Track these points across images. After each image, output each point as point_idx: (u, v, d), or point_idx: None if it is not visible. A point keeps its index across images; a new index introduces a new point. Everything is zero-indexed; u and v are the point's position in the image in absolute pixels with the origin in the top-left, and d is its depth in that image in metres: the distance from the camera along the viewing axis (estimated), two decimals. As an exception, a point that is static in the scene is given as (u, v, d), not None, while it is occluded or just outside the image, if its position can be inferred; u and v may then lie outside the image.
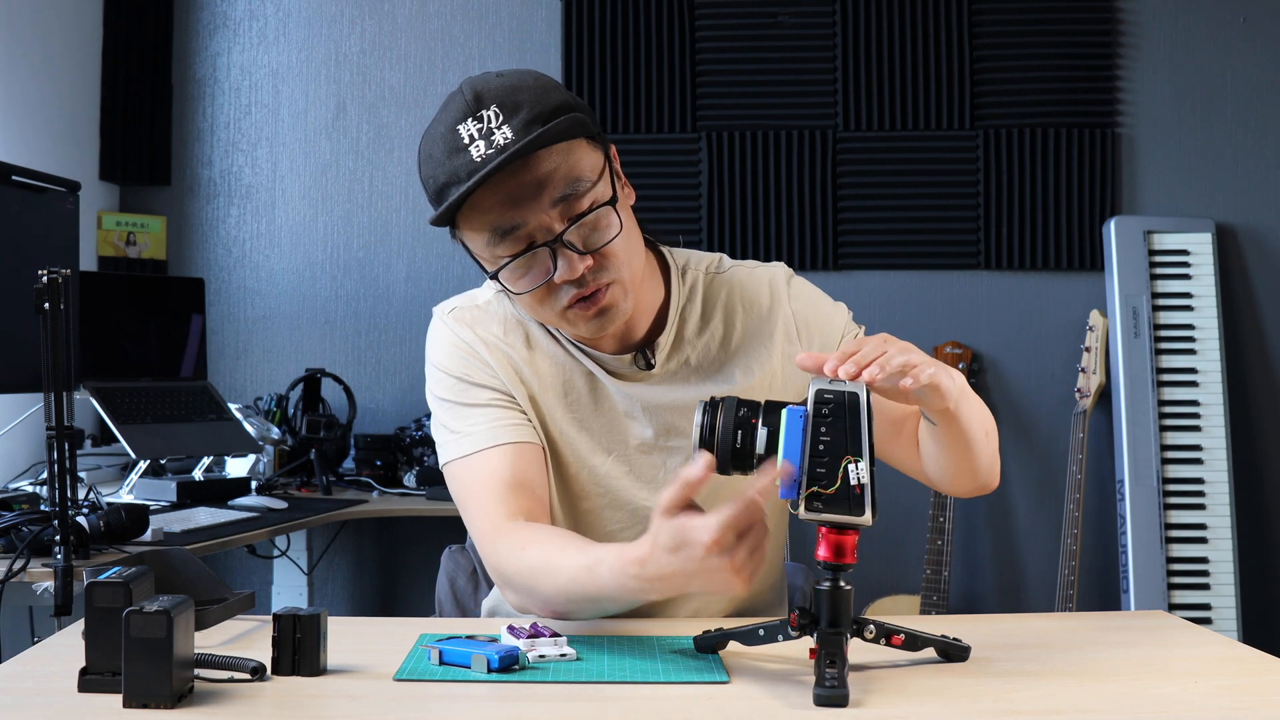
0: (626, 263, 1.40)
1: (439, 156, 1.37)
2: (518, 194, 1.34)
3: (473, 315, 1.54)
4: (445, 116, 1.38)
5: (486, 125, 1.34)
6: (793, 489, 1.12)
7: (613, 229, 1.38)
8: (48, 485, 1.87)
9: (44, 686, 1.15)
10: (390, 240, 3.71)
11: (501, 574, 1.42)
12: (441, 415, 1.52)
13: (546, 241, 1.36)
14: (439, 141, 1.37)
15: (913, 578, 3.48)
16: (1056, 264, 3.61)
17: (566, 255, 1.36)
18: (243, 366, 3.73)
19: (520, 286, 1.39)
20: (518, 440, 1.47)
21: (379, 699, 1.12)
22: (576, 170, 1.36)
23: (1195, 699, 1.14)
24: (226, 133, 3.75)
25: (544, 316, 1.45)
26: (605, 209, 1.38)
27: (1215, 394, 3.43)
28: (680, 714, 1.09)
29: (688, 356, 1.52)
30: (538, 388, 1.51)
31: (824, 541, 1.18)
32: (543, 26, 3.70)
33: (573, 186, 1.35)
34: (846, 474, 1.12)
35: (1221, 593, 3.34)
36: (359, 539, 3.72)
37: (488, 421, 1.47)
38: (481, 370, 1.50)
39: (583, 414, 1.51)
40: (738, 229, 3.63)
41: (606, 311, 1.40)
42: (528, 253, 1.36)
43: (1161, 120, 3.62)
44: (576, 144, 1.37)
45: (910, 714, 1.08)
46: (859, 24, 3.63)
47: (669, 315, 1.52)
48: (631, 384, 1.51)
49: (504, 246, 1.37)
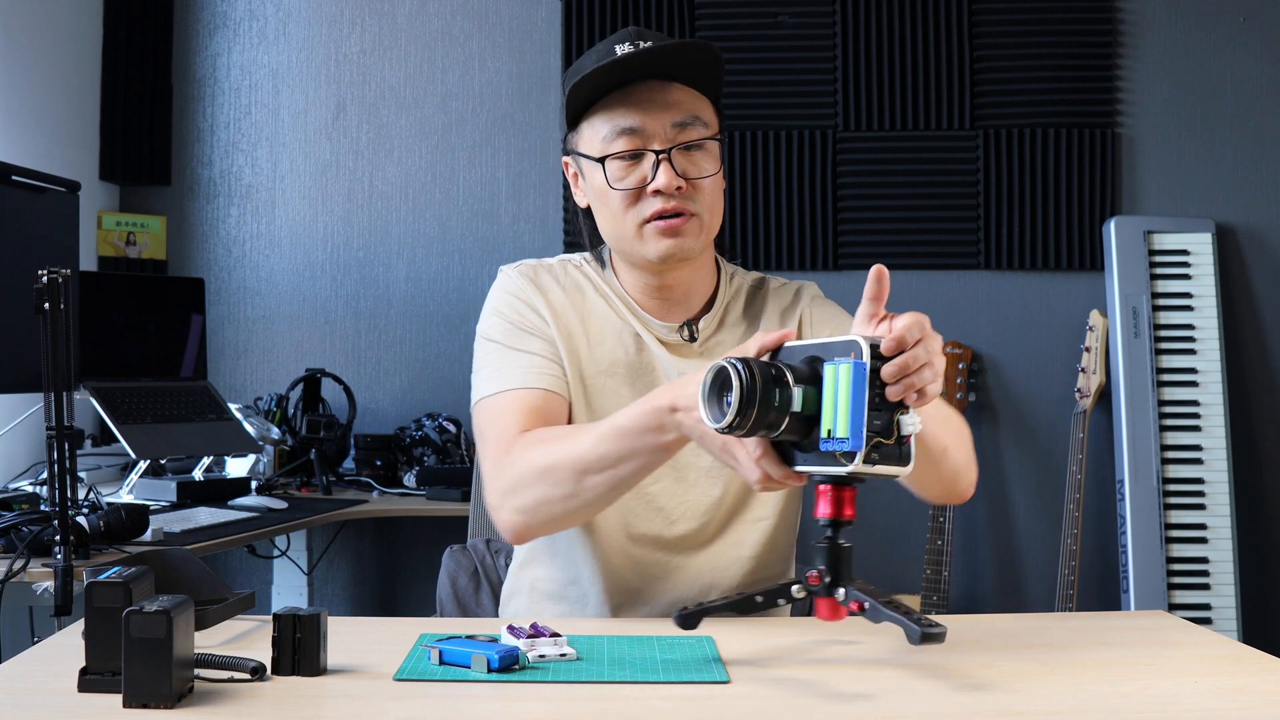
0: (710, 207, 1.56)
1: (587, 64, 1.53)
2: (648, 104, 1.52)
3: (535, 271, 1.66)
4: (605, 41, 1.56)
5: (639, 47, 1.52)
6: (856, 440, 1.11)
7: (711, 168, 1.55)
8: (48, 485, 1.87)
9: (44, 686, 1.15)
10: (390, 240, 3.71)
11: (513, 480, 1.46)
12: (486, 356, 1.60)
13: (655, 150, 1.52)
14: (593, 54, 1.55)
15: (913, 577, 3.48)
16: (1056, 264, 3.61)
17: (666, 169, 1.51)
18: (243, 366, 3.73)
19: (620, 184, 1.53)
20: (550, 389, 1.56)
21: (379, 699, 1.12)
22: (700, 112, 1.55)
23: (1195, 699, 1.14)
24: (226, 133, 3.75)
25: (624, 225, 1.55)
26: (712, 144, 1.56)
27: (1215, 394, 3.43)
28: (680, 714, 1.09)
29: (724, 340, 1.63)
30: (587, 344, 1.61)
31: (824, 498, 1.18)
32: (543, 26, 3.70)
33: (693, 119, 1.54)
34: (899, 425, 1.13)
35: (1221, 593, 3.34)
36: (359, 539, 3.72)
37: (525, 367, 1.56)
38: (534, 319, 1.60)
39: (629, 371, 1.60)
40: (738, 229, 3.63)
41: (680, 236, 1.53)
42: (636, 156, 1.53)
43: (1161, 120, 3.62)
44: (705, 99, 1.57)
45: (910, 713, 1.08)
46: (859, 24, 3.63)
47: (716, 301, 1.66)
48: (674, 355, 1.61)
49: (619, 143, 1.53)
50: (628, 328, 1.62)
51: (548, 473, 1.43)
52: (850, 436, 1.11)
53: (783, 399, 1.14)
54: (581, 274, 1.67)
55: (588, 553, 1.60)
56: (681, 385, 1.35)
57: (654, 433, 1.36)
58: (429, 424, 3.43)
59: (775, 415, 1.14)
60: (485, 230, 3.68)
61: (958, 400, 3.48)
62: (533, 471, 1.44)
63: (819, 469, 1.17)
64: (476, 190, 3.69)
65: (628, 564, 1.59)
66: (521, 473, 1.45)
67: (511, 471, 1.47)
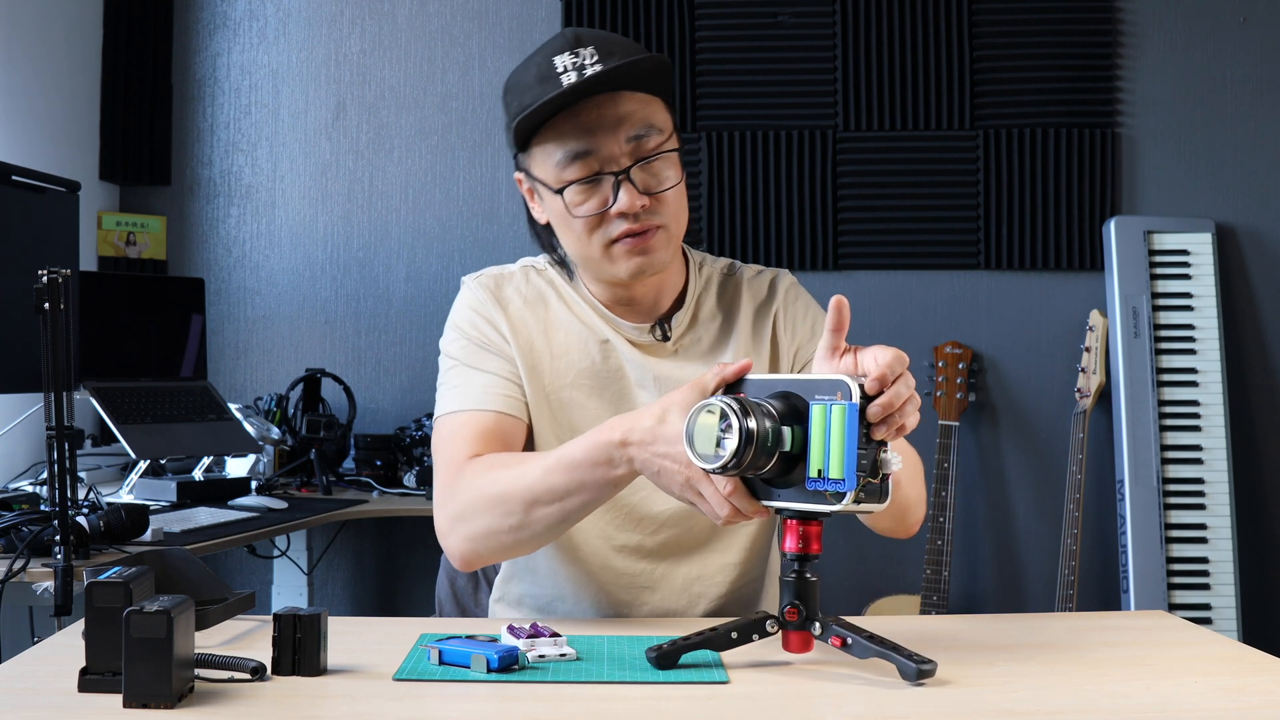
0: (675, 215, 1.52)
1: (528, 82, 1.47)
2: (598, 123, 1.45)
3: (497, 282, 1.62)
4: (542, 50, 1.49)
5: (581, 60, 1.45)
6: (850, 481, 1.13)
7: (673, 178, 1.50)
8: (48, 485, 1.87)
9: (44, 686, 1.15)
10: (390, 240, 3.71)
11: (462, 506, 1.44)
12: (446, 373, 1.59)
13: (613, 172, 1.46)
14: (532, 69, 1.48)
15: (913, 578, 3.48)
16: (1056, 264, 3.61)
17: (628, 189, 1.46)
18: (243, 366, 3.73)
19: (581, 211, 1.48)
20: (504, 411, 1.53)
21: (379, 699, 1.12)
22: (652, 118, 1.48)
23: (1195, 699, 1.14)
24: (226, 133, 3.76)
25: (590, 248, 1.51)
26: (670, 156, 1.50)
27: (1215, 394, 3.43)
28: (680, 714, 1.09)
29: (700, 336, 1.61)
30: (550, 357, 1.57)
31: (790, 532, 1.19)
32: (543, 26, 3.70)
33: (646, 130, 1.47)
34: (883, 464, 1.15)
35: (1221, 593, 3.34)
36: (359, 539, 3.72)
37: (481, 387, 1.54)
38: (493, 336, 1.57)
39: (595, 381, 1.57)
40: (738, 229, 3.63)
41: (649, 254, 1.49)
42: (594, 179, 1.47)
43: (1161, 120, 3.62)
44: (656, 100, 1.50)
45: (910, 713, 1.08)
46: (859, 24, 3.62)
47: (687, 296, 1.62)
48: (646, 355, 1.58)
49: (572, 170, 1.47)
50: (594, 335, 1.58)
51: (497, 502, 1.40)
52: (845, 478, 1.12)
53: (775, 439, 1.15)
54: (545, 280, 1.63)
55: (571, 569, 1.59)
56: (634, 419, 1.32)
57: (604, 466, 1.34)
58: (429, 424, 3.43)
59: (765, 456, 1.15)
60: (485, 230, 3.68)
61: (958, 400, 3.48)
62: (483, 499, 1.41)
63: (799, 505, 1.18)
64: (476, 190, 3.69)
65: (611, 576, 1.58)
66: (471, 499, 1.43)
67: (461, 498, 1.44)
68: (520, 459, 1.46)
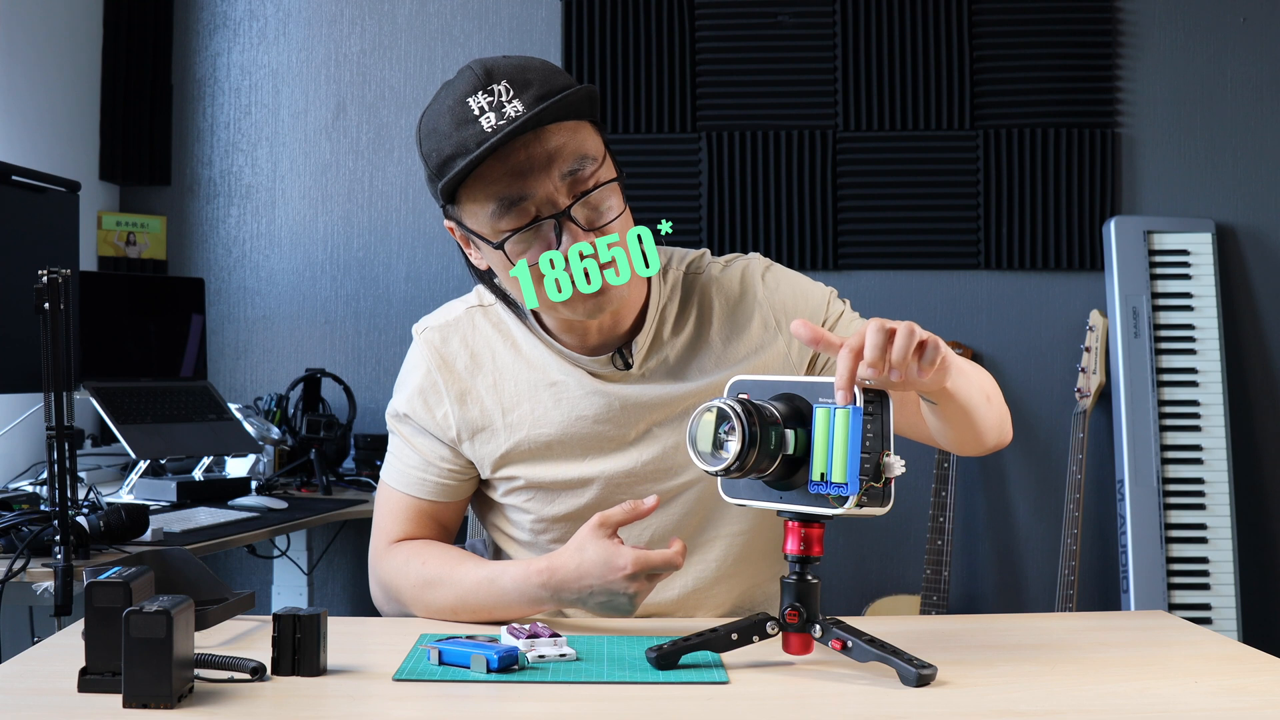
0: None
1: (445, 129, 1.36)
2: (526, 166, 1.34)
3: (444, 337, 1.56)
4: (452, 90, 1.38)
5: (497, 99, 1.34)
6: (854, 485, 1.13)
7: (616, 207, 1.40)
8: (48, 485, 1.87)
9: (44, 686, 1.15)
10: (390, 240, 3.71)
11: (386, 585, 1.53)
12: (391, 434, 1.60)
13: (552, 215, 1.36)
14: (446, 114, 1.37)
15: (913, 578, 3.48)
16: (1056, 264, 3.61)
17: (571, 229, 1.36)
18: (243, 366, 3.73)
19: (524, 261, 1.38)
20: (435, 499, 1.56)
21: (379, 699, 1.12)
22: (584, 148, 1.37)
23: (1195, 699, 1.14)
24: (226, 133, 3.75)
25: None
26: (610, 187, 1.39)
27: (1215, 394, 3.43)
28: (680, 714, 1.09)
29: (666, 355, 1.52)
30: (501, 412, 1.52)
31: (792, 535, 1.19)
32: (543, 26, 3.70)
33: (580, 163, 1.37)
34: (886, 468, 1.14)
35: (1221, 593, 3.34)
36: (359, 539, 3.72)
37: (416, 469, 1.56)
38: (431, 425, 1.54)
39: (553, 428, 1.51)
40: (738, 229, 3.63)
41: (605, 292, 1.39)
42: (532, 225, 1.36)
43: (1161, 120, 3.62)
44: (583, 125, 1.39)
45: (910, 713, 1.08)
46: (859, 24, 3.62)
47: (648, 314, 1.51)
48: (610, 384, 1.50)
49: (508, 219, 1.37)
50: (543, 379, 1.51)
51: (426, 588, 1.47)
52: (848, 482, 1.12)
53: (778, 441, 1.15)
54: (490, 322, 1.55)
55: None
56: (558, 561, 1.35)
57: (530, 603, 1.40)
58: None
59: (768, 459, 1.16)
60: (485, 230, 3.68)
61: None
62: (411, 590, 1.48)
63: (802, 509, 1.18)
64: (476, 190, 3.69)
65: None
66: (398, 584, 1.50)
67: (386, 578, 1.53)
68: (453, 561, 1.47)
